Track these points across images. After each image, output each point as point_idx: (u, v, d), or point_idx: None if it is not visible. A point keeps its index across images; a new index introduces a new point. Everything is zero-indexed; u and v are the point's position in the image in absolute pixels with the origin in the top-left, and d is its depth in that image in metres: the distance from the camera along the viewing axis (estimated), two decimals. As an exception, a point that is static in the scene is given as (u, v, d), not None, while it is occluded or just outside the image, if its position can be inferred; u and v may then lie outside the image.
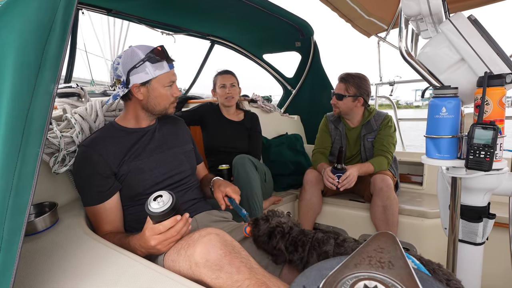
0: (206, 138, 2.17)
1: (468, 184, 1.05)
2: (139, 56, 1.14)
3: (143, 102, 1.21)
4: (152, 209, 0.87)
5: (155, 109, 1.23)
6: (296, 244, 0.98)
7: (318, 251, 0.94)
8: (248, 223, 1.11)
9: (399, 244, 0.55)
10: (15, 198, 0.62)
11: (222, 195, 1.27)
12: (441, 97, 0.96)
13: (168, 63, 1.18)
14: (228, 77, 2.11)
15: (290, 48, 3.01)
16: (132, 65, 1.14)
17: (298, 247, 0.97)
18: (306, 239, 0.97)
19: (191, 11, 2.25)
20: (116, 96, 1.19)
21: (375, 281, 0.47)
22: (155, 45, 1.18)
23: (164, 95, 1.20)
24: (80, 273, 0.79)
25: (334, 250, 0.93)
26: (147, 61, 1.13)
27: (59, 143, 1.22)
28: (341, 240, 0.95)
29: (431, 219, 1.81)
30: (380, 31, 2.74)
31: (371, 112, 2.08)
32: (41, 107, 0.66)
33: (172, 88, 1.22)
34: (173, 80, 1.22)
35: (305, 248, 0.96)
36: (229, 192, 1.27)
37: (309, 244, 0.96)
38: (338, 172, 1.84)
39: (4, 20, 0.62)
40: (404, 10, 1.05)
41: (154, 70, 1.15)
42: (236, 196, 1.27)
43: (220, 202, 1.27)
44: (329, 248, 0.93)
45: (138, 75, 1.14)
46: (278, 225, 1.01)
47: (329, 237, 0.96)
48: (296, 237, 0.99)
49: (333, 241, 0.95)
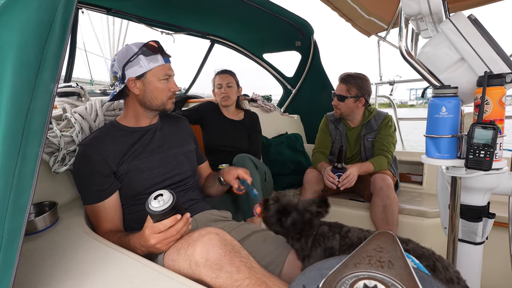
0: (206, 137, 2.17)
1: (468, 184, 1.05)
2: (133, 50, 1.16)
3: (139, 97, 1.20)
4: (152, 207, 0.87)
5: (153, 104, 1.22)
6: (300, 233, 0.96)
7: (323, 246, 0.93)
8: (258, 203, 1.09)
9: (399, 243, 0.55)
10: (15, 198, 0.62)
11: (233, 177, 1.31)
12: (441, 97, 0.96)
13: (163, 57, 1.18)
14: (225, 77, 2.11)
15: (290, 47, 3.01)
16: (127, 59, 1.15)
17: (302, 238, 0.96)
18: (310, 233, 0.96)
19: (191, 10, 2.25)
20: (114, 93, 1.20)
21: (375, 280, 0.47)
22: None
23: (160, 89, 1.19)
24: (80, 272, 0.79)
25: (340, 243, 0.92)
26: (141, 54, 1.15)
27: (59, 143, 1.22)
28: (345, 231, 0.94)
29: (431, 218, 1.82)
30: (380, 31, 2.74)
31: (371, 112, 2.08)
32: (41, 106, 0.66)
33: (169, 82, 1.22)
34: (169, 74, 1.21)
35: (308, 240, 0.95)
36: (241, 174, 1.31)
37: (313, 237, 0.95)
38: (338, 171, 1.84)
39: (4, 19, 0.62)
40: (404, 10, 1.05)
41: (149, 63, 1.15)
42: (248, 177, 1.31)
43: (232, 183, 1.31)
44: (335, 244, 0.92)
45: (133, 69, 1.16)
46: (288, 204, 1.00)
47: (334, 232, 0.95)
48: (302, 224, 0.97)
49: (338, 236, 0.94)
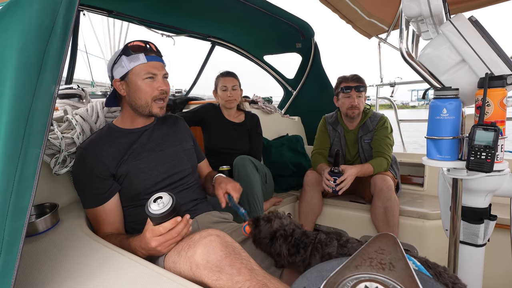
0: (206, 139, 2.17)
1: (469, 186, 1.05)
2: (117, 52, 1.18)
3: (127, 99, 1.21)
4: (152, 210, 0.87)
5: (137, 104, 1.19)
6: (298, 246, 0.96)
7: (321, 253, 0.93)
8: (247, 222, 1.09)
9: (400, 245, 0.55)
10: (16, 199, 0.62)
11: (222, 192, 1.27)
12: (442, 98, 0.96)
13: (146, 55, 1.16)
14: (230, 80, 2.10)
15: (290, 49, 3.01)
16: (113, 61, 1.18)
17: (300, 249, 0.96)
18: (308, 241, 0.96)
19: (192, 12, 2.26)
20: (108, 97, 1.24)
21: (376, 282, 0.47)
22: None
23: (142, 88, 1.16)
24: (81, 274, 0.79)
25: (337, 251, 0.92)
26: (123, 55, 1.16)
27: (60, 144, 1.22)
28: (344, 241, 0.94)
29: (432, 220, 1.81)
30: (381, 33, 2.75)
31: (367, 114, 2.08)
32: (42, 108, 0.66)
33: (155, 81, 1.18)
34: (153, 72, 1.16)
35: (307, 249, 0.95)
36: (229, 190, 1.27)
37: (311, 245, 0.95)
38: (335, 175, 1.85)
39: (6, 21, 0.62)
40: (404, 11, 1.05)
41: (129, 62, 1.15)
42: (235, 194, 1.26)
43: (221, 199, 1.27)
44: (332, 250, 0.92)
45: (117, 70, 1.18)
46: (280, 227, 1.00)
47: (331, 239, 0.95)
48: (299, 239, 0.98)
49: (336, 243, 0.94)
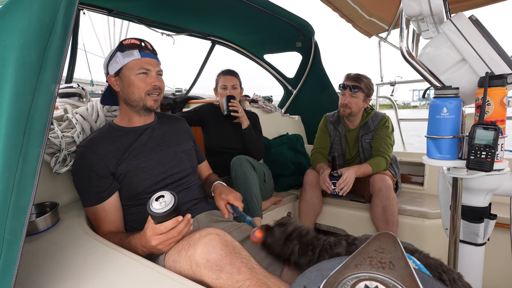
0: (206, 139, 2.16)
1: (469, 185, 1.05)
2: (112, 49, 1.23)
3: (121, 94, 1.24)
4: (154, 209, 0.87)
5: (131, 99, 1.21)
6: (307, 248, 0.97)
7: (330, 253, 0.93)
8: (259, 228, 1.05)
9: (400, 244, 0.55)
10: (16, 198, 0.63)
11: (224, 203, 1.26)
12: (442, 98, 0.96)
13: (140, 51, 1.20)
14: (230, 79, 2.08)
15: (291, 48, 3.01)
16: (108, 58, 1.23)
17: (308, 251, 0.96)
18: (318, 243, 0.97)
19: (192, 11, 2.25)
20: (102, 93, 1.28)
21: (376, 281, 0.47)
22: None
23: (135, 83, 1.19)
24: (81, 273, 0.79)
25: (346, 249, 0.92)
26: (118, 51, 1.20)
27: (60, 143, 1.22)
28: (352, 239, 0.95)
29: (432, 219, 1.81)
30: (381, 32, 2.74)
31: (369, 113, 2.08)
32: (42, 107, 0.66)
33: (149, 76, 1.20)
34: (146, 68, 1.19)
35: (315, 251, 0.95)
36: (231, 200, 1.25)
37: (320, 247, 0.96)
38: (334, 179, 1.85)
39: (5, 20, 0.62)
40: (405, 10, 1.05)
41: (123, 58, 1.19)
42: (239, 203, 1.25)
43: (223, 211, 1.25)
44: (341, 250, 0.92)
45: (112, 66, 1.22)
46: (296, 229, 1.00)
47: (340, 239, 0.96)
48: (310, 240, 0.98)
49: (344, 243, 0.94)
